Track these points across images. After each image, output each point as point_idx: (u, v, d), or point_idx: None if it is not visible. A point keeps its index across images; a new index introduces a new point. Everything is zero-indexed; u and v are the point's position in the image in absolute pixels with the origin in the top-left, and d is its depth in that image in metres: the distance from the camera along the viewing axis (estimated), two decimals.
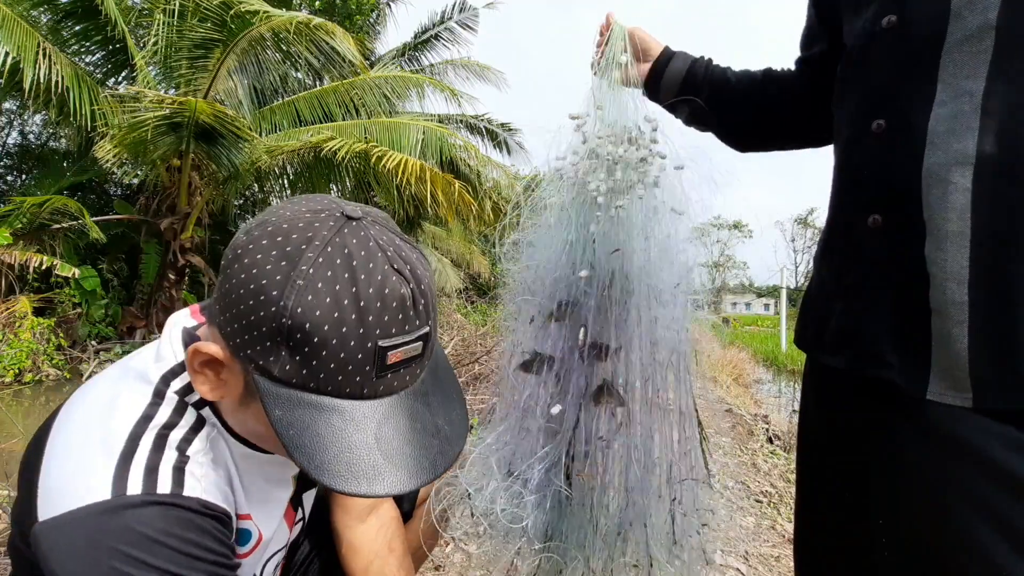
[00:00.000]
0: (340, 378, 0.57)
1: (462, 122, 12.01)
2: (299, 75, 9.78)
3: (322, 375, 0.56)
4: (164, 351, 0.67)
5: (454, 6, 11.68)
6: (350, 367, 0.56)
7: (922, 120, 0.64)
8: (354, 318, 0.55)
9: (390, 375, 0.59)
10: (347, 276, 0.55)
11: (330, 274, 0.55)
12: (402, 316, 0.58)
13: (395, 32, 30.40)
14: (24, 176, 10.67)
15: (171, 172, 7.67)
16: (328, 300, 0.54)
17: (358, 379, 0.57)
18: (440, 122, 10.42)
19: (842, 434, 0.75)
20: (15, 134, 11.15)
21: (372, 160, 7.35)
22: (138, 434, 0.61)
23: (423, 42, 11.87)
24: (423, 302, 0.59)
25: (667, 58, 0.98)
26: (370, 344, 0.56)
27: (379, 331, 0.56)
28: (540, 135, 0.93)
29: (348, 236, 0.57)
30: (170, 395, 0.65)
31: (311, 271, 0.55)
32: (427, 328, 0.61)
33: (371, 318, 0.56)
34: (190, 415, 0.65)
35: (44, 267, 6.50)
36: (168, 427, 0.63)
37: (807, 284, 0.84)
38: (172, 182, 7.72)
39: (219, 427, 0.67)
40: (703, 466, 0.87)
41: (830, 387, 0.78)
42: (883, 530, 0.67)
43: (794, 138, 0.99)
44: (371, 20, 12.32)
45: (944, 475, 0.62)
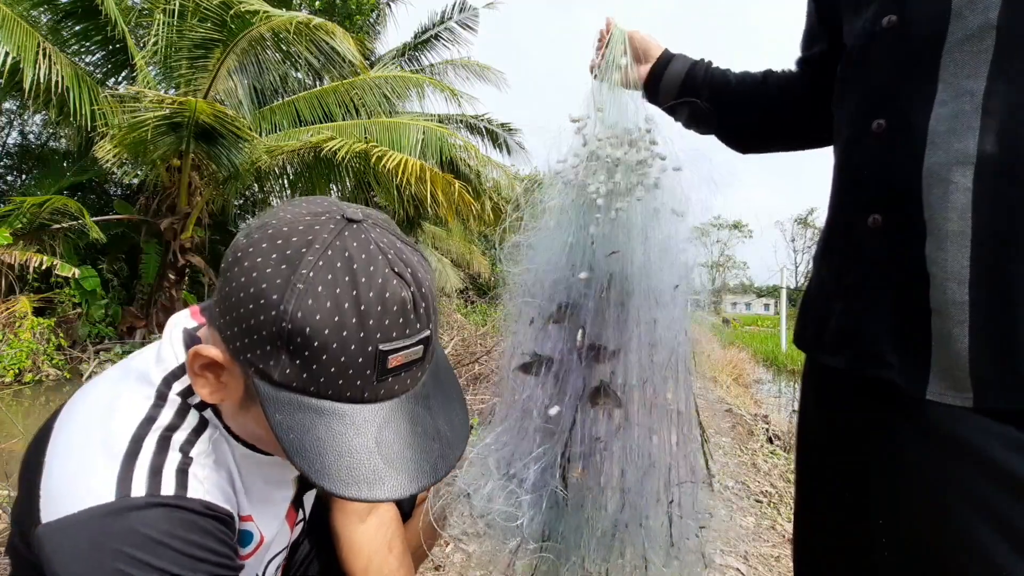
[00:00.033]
0: (340, 382, 0.56)
1: (462, 122, 12.01)
2: (299, 75, 9.78)
3: (322, 379, 0.56)
4: (165, 353, 0.67)
5: (454, 6, 11.68)
6: (350, 371, 0.56)
7: (922, 120, 0.64)
8: (354, 322, 0.55)
9: (391, 379, 0.59)
10: (347, 280, 0.55)
11: (330, 278, 0.54)
12: (403, 320, 0.57)
13: (395, 32, 30.45)
14: (24, 176, 10.67)
15: (171, 172, 7.67)
16: (328, 304, 0.54)
17: (359, 383, 0.57)
18: (440, 122, 10.42)
19: (842, 434, 0.75)
20: (15, 134, 11.17)
21: (372, 160, 7.35)
22: (141, 436, 0.61)
23: (423, 42, 11.87)
24: (424, 305, 0.59)
25: (666, 60, 0.98)
26: (370, 348, 0.56)
27: (380, 335, 0.56)
28: (540, 135, 0.93)
29: (349, 239, 0.57)
30: (173, 397, 0.65)
31: (311, 275, 0.54)
32: (428, 331, 0.61)
33: (371, 322, 0.55)
34: (193, 417, 0.65)
35: (44, 267, 6.50)
36: (171, 429, 0.63)
37: (807, 284, 0.84)
38: (172, 182, 7.72)
39: (221, 429, 0.67)
40: (703, 469, 0.86)
41: (830, 387, 0.78)
42: (883, 530, 0.67)
43: (795, 139, 0.99)
44: (371, 20, 12.32)
45: (944, 475, 0.62)
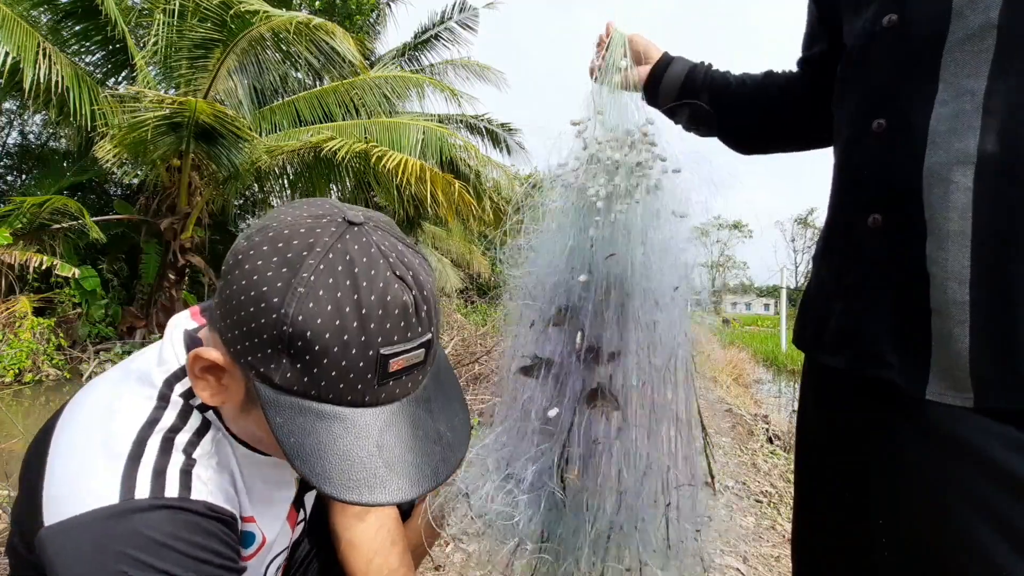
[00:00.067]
0: (341, 386, 0.56)
1: (462, 122, 12.01)
2: (299, 75, 9.78)
3: (323, 383, 0.56)
4: (166, 354, 0.67)
5: (454, 6, 11.68)
6: (351, 375, 0.56)
7: (923, 119, 0.64)
8: (356, 326, 0.54)
9: (392, 382, 0.59)
10: (348, 283, 0.55)
11: (331, 281, 0.54)
12: (404, 323, 0.57)
13: (395, 32, 30.46)
14: (24, 176, 10.68)
15: (171, 172, 7.67)
16: (329, 308, 0.54)
17: (360, 387, 0.57)
18: (440, 122, 10.42)
19: (841, 434, 0.75)
20: (15, 134, 11.18)
21: (372, 160, 7.35)
22: (145, 437, 0.61)
23: (423, 42, 11.87)
24: (425, 309, 0.59)
25: (666, 63, 0.98)
26: (372, 352, 0.56)
27: (381, 339, 0.56)
28: (540, 135, 0.93)
29: (350, 242, 0.56)
30: (175, 399, 0.65)
31: (312, 278, 0.54)
32: (429, 335, 0.60)
33: (373, 326, 0.55)
34: (195, 418, 0.65)
35: (44, 267, 6.50)
36: (174, 430, 0.63)
37: (806, 284, 0.84)
38: (172, 182, 7.72)
39: (223, 431, 0.67)
40: (703, 472, 0.86)
41: (829, 387, 0.78)
42: (883, 530, 0.67)
43: (796, 139, 0.99)
44: (371, 20, 12.33)
45: (944, 475, 0.62)
